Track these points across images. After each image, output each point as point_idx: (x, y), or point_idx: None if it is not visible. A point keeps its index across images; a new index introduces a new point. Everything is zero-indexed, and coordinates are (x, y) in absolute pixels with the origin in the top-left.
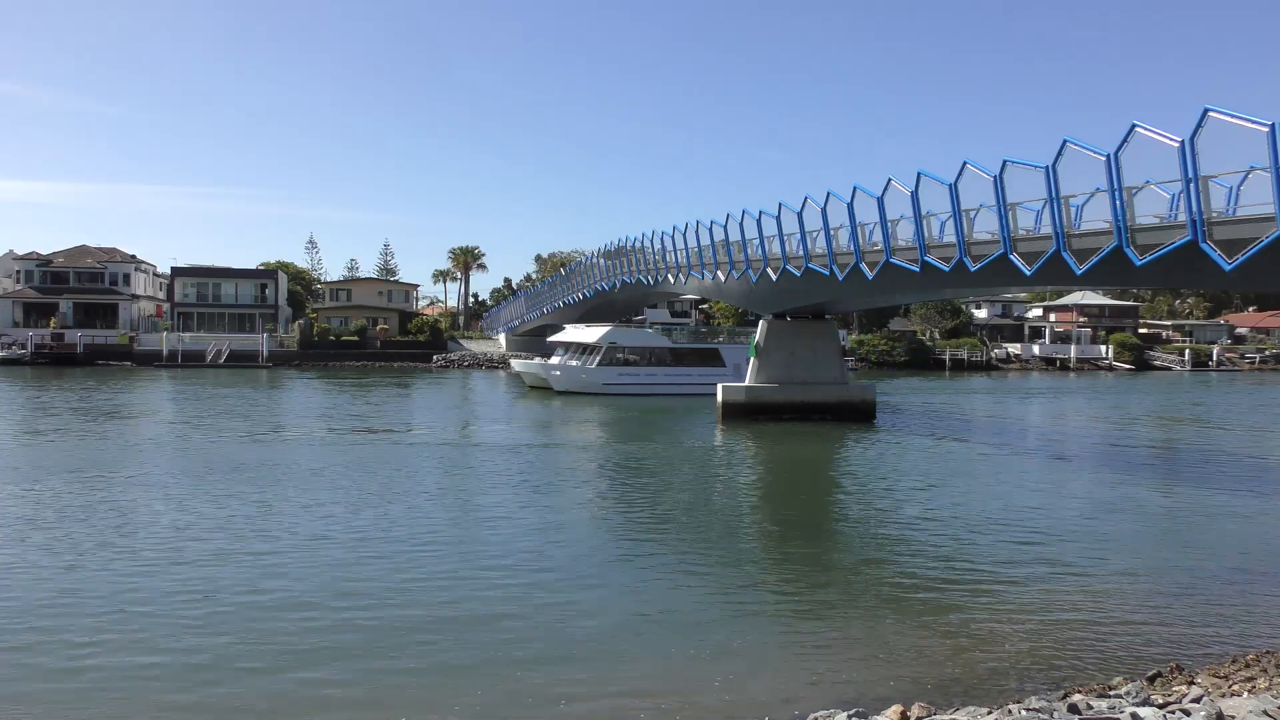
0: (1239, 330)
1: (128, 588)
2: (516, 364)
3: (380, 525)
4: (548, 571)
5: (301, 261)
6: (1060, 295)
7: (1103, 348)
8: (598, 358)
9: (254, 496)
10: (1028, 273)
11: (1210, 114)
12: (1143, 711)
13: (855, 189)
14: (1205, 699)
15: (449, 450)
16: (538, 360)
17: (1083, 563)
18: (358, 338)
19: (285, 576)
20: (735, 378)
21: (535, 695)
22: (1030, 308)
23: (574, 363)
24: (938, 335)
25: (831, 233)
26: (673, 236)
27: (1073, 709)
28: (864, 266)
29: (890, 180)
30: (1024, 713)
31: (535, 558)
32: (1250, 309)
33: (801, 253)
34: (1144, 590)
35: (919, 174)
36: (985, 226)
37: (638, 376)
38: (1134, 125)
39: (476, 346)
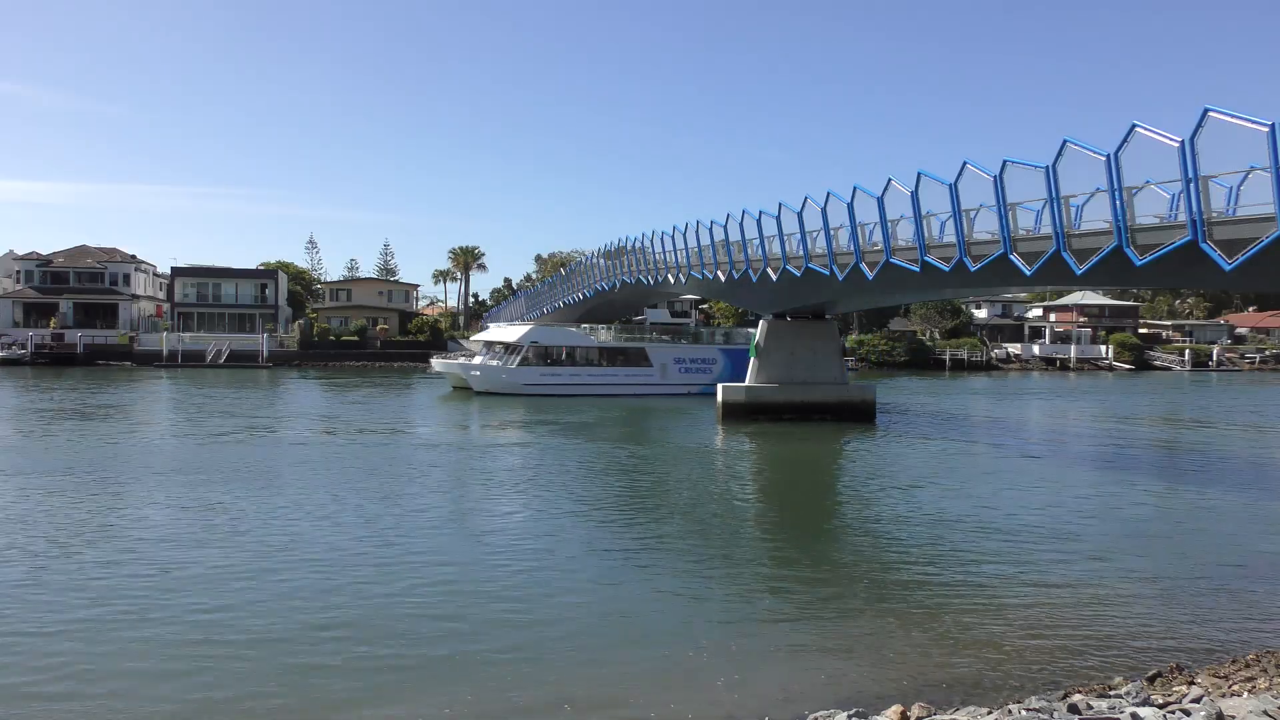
0: (1239, 330)
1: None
2: (437, 363)
3: (373, 527)
4: (546, 572)
5: (301, 261)
6: (1060, 295)
7: (1103, 348)
8: (519, 357)
9: (216, 499)
10: (1028, 273)
11: (1210, 114)
12: (1143, 711)
13: (855, 189)
14: (1205, 699)
15: (424, 451)
16: (460, 359)
17: (1083, 563)
18: (358, 338)
19: (267, 578)
20: (661, 379)
21: (534, 697)
22: (1030, 308)
23: (494, 362)
24: (938, 335)
25: (831, 233)
26: (673, 237)
27: (1073, 709)
28: (864, 266)
29: (890, 180)
30: (1024, 713)
31: (533, 558)
32: (1250, 309)
33: (801, 253)
34: (1144, 590)
35: (919, 174)
36: (985, 226)
37: (560, 377)
38: (1134, 125)
39: None
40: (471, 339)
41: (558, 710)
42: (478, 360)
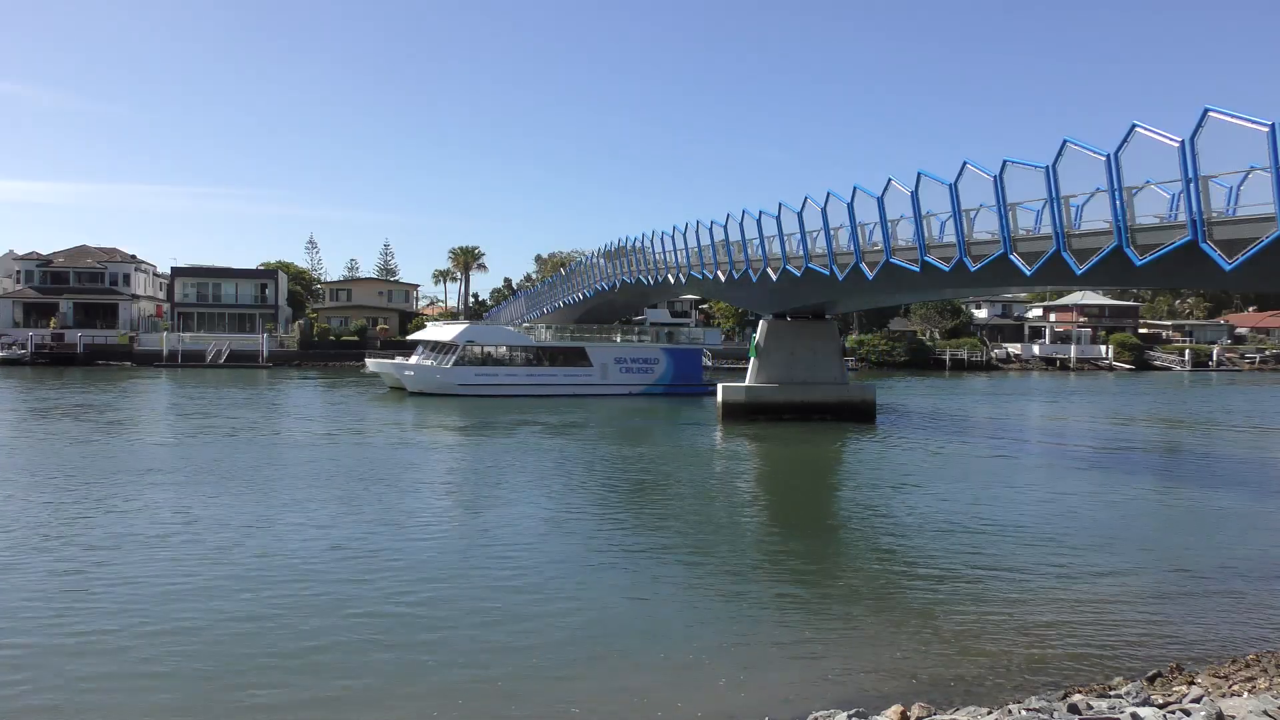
0: (1239, 330)
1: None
2: (372, 363)
3: (378, 524)
4: (546, 572)
5: (301, 261)
6: (1060, 295)
7: (1103, 348)
8: (453, 357)
9: (200, 502)
10: (1028, 273)
11: (1210, 114)
12: (1143, 711)
13: (855, 189)
14: (1205, 699)
15: (417, 452)
16: (398, 358)
17: (1082, 563)
18: (358, 338)
19: (253, 583)
20: (601, 379)
21: (534, 697)
22: (1030, 308)
23: (428, 362)
24: (938, 335)
25: (831, 233)
26: (673, 237)
27: (1073, 709)
28: (864, 266)
29: (890, 180)
30: (1024, 713)
31: (533, 558)
32: (1250, 309)
33: (802, 253)
34: (1144, 590)
35: (919, 174)
36: (985, 226)
37: (496, 376)
38: (1134, 125)
39: None
40: (409, 338)
41: (559, 711)
42: (413, 360)
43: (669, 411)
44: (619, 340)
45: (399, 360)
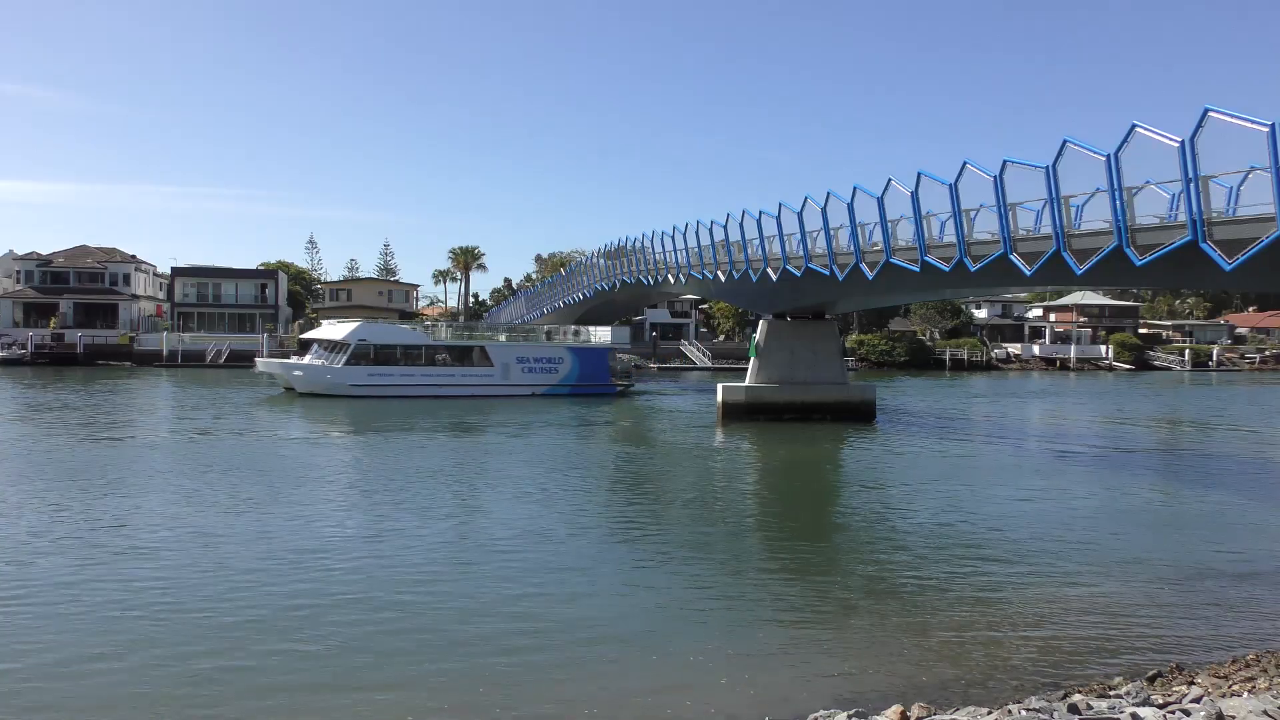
0: (1239, 330)
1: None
2: (262, 363)
3: (381, 526)
4: (545, 573)
5: (301, 261)
6: (1060, 295)
7: (1103, 348)
8: (345, 356)
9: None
10: (1028, 273)
11: (1210, 114)
12: (1143, 711)
13: (855, 189)
14: (1205, 699)
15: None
16: (292, 357)
17: (1083, 563)
18: None
19: (250, 586)
20: (503, 379)
21: (535, 699)
22: (1030, 308)
23: (318, 362)
24: (938, 335)
25: (832, 233)
26: (672, 237)
27: (1073, 709)
28: (864, 266)
29: (890, 180)
30: (1024, 713)
31: (532, 558)
32: (1250, 309)
33: (802, 253)
34: (1144, 590)
35: (919, 174)
36: (985, 226)
37: (390, 377)
38: (1134, 125)
39: None
40: (302, 336)
41: (559, 711)
42: (306, 360)
43: (651, 413)
44: (521, 339)
45: (292, 359)
